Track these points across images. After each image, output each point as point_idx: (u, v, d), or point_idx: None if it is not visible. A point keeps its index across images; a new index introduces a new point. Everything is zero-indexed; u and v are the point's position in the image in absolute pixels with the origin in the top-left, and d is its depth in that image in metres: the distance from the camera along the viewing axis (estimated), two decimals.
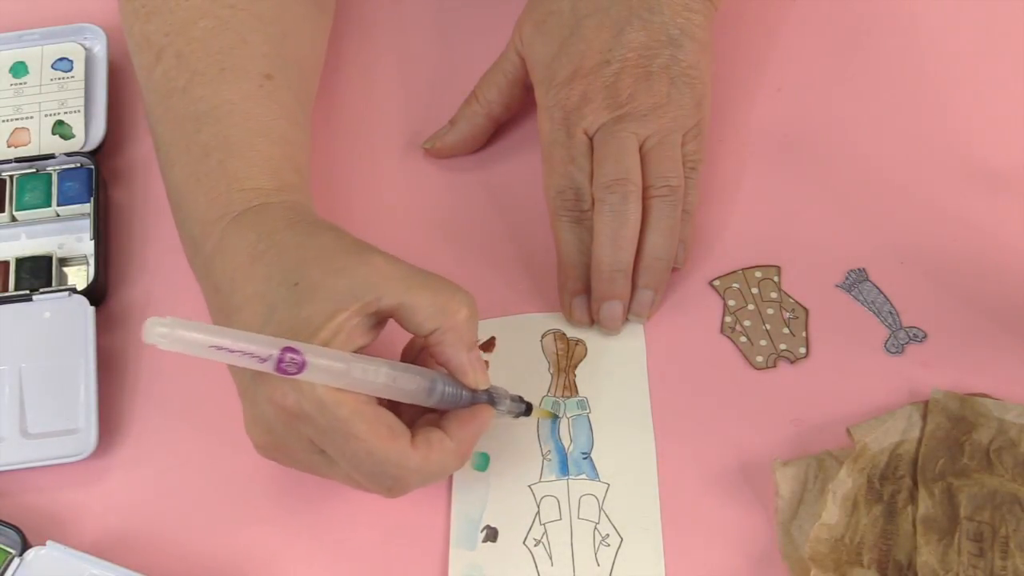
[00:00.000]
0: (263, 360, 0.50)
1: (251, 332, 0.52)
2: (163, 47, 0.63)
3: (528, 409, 0.60)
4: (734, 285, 0.65)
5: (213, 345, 0.50)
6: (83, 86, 0.72)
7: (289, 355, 0.50)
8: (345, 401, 0.52)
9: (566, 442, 0.62)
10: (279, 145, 0.61)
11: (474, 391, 0.56)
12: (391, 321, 0.55)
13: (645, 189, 0.64)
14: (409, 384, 0.55)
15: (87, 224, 0.68)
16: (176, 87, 0.62)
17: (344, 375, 0.52)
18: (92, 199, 0.68)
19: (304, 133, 0.65)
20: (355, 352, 0.53)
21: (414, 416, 0.57)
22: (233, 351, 0.50)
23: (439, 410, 0.57)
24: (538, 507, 0.60)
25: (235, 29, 0.63)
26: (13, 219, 0.69)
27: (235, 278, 0.56)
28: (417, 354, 0.58)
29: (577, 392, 0.63)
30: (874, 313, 0.64)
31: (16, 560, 0.59)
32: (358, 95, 0.74)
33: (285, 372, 0.51)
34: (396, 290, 0.54)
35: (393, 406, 0.55)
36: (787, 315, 0.64)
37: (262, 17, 0.64)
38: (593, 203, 0.64)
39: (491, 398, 0.57)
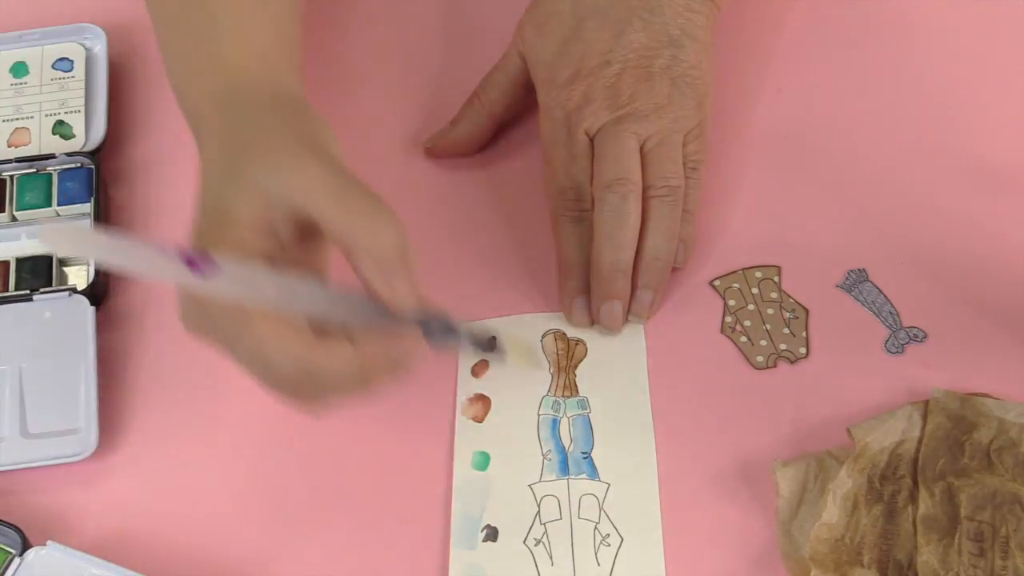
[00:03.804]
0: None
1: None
2: None
3: (490, 344, 0.54)
4: (734, 285, 0.65)
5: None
6: (83, 86, 0.72)
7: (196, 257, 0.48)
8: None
9: (566, 442, 0.62)
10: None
11: (398, 315, 0.51)
12: None
13: (645, 189, 0.64)
14: (302, 291, 0.50)
15: (87, 224, 0.68)
16: None
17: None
18: (92, 199, 0.68)
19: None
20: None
21: None
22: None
23: None
24: (538, 507, 0.60)
25: None
26: (13, 219, 0.69)
27: None
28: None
29: (577, 392, 0.63)
30: (874, 313, 0.64)
31: (16, 560, 0.59)
32: (359, 94, 0.74)
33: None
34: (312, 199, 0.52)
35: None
36: (787, 315, 0.64)
37: None
38: (593, 203, 0.64)
39: (427, 327, 0.52)
